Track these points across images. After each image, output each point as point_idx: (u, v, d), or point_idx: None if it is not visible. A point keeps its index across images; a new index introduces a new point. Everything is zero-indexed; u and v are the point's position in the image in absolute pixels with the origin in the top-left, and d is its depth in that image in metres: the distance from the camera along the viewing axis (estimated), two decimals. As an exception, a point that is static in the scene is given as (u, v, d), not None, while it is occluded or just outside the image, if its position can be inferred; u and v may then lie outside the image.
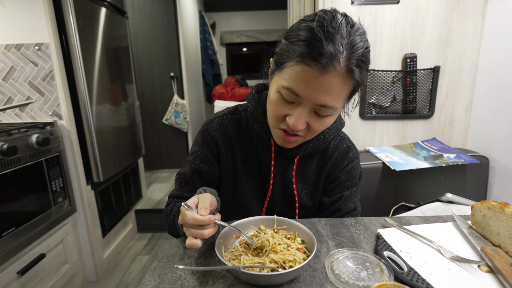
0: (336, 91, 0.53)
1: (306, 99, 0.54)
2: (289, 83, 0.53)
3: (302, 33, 0.52)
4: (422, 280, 0.47)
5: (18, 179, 1.20)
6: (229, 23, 4.60)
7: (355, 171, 0.75)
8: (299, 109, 0.55)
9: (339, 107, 0.57)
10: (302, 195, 0.75)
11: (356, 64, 0.52)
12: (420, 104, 1.41)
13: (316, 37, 0.50)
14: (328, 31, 0.50)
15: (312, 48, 0.50)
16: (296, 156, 0.72)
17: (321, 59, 0.49)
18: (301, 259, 0.51)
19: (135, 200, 2.21)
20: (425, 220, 0.68)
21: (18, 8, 1.34)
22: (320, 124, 0.58)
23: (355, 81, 0.54)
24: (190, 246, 0.49)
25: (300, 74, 0.51)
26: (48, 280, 1.36)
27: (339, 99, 0.55)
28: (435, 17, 1.33)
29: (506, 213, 0.54)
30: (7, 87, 1.42)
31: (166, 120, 3.11)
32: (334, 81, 0.51)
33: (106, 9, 1.74)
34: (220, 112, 0.77)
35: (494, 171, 1.29)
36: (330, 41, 0.49)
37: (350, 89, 0.55)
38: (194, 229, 0.50)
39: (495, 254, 0.50)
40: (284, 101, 0.56)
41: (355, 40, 0.51)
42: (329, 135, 0.70)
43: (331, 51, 0.49)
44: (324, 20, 0.51)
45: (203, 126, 0.76)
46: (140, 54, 3.04)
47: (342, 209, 0.73)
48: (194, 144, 0.77)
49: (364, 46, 0.53)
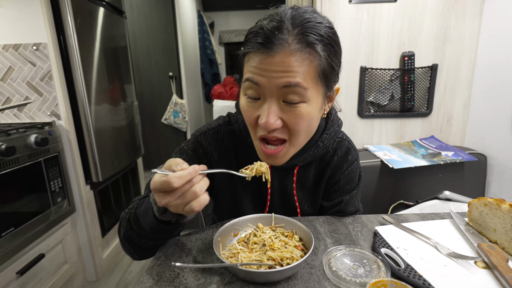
0: (294, 68, 0.49)
1: (266, 86, 0.51)
2: (247, 75, 0.53)
3: (252, 30, 0.54)
4: (419, 276, 0.47)
5: (17, 179, 1.20)
6: (228, 22, 4.60)
7: (355, 173, 0.72)
8: (266, 104, 0.53)
9: (311, 90, 0.52)
10: (303, 203, 0.72)
11: (310, 37, 0.50)
12: (418, 102, 1.41)
13: (260, 26, 0.52)
14: (271, 16, 0.52)
15: (258, 36, 0.51)
16: (295, 167, 0.68)
17: (267, 41, 0.49)
18: (299, 256, 0.51)
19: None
20: (422, 217, 0.68)
21: (16, 8, 1.34)
22: (295, 116, 0.53)
23: (317, 57, 0.51)
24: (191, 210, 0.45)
25: (254, 62, 0.51)
26: (47, 280, 1.36)
27: (302, 77, 0.50)
28: (433, 15, 1.33)
29: (502, 209, 0.55)
30: (5, 88, 1.42)
31: (165, 119, 3.11)
32: (287, 58, 0.49)
33: (104, 9, 1.74)
34: (214, 122, 0.71)
35: (492, 168, 1.29)
36: (273, 24, 0.50)
37: (315, 67, 0.51)
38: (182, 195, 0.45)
39: (492, 250, 0.51)
40: (251, 100, 0.54)
41: (302, 16, 0.51)
42: (327, 141, 0.66)
43: (274, 31, 0.50)
44: (268, 14, 0.53)
45: (194, 137, 0.69)
46: (138, 54, 3.04)
47: (343, 213, 0.71)
48: (181, 153, 0.68)
49: (316, 21, 0.52)
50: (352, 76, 1.41)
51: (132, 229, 0.56)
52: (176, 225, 0.55)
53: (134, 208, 0.56)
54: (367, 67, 1.39)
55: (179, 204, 0.46)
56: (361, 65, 1.39)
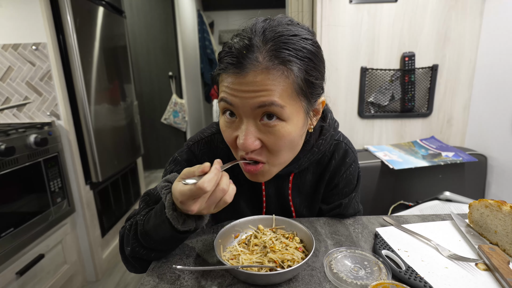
0: (267, 86, 0.47)
1: (241, 107, 0.49)
2: (221, 95, 0.51)
3: (224, 49, 0.52)
4: (420, 278, 0.47)
5: (16, 179, 1.19)
6: (228, 22, 4.59)
7: (353, 175, 0.71)
8: (244, 124, 0.50)
9: (289, 108, 0.49)
10: (301, 209, 0.71)
11: (281, 53, 0.47)
12: (419, 102, 1.41)
13: (230, 45, 0.50)
14: (240, 34, 0.50)
15: (229, 56, 0.49)
16: (290, 174, 0.67)
17: (237, 61, 0.47)
18: (300, 258, 0.51)
19: (134, 200, 2.21)
20: (423, 219, 0.68)
21: (15, 7, 1.34)
22: (274, 137, 0.50)
23: (293, 73, 0.48)
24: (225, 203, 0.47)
25: (227, 83, 0.49)
26: (47, 280, 1.36)
27: (277, 94, 0.47)
28: (433, 15, 1.33)
29: (503, 211, 0.54)
30: (4, 87, 1.41)
31: (164, 119, 3.11)
32: (260, 76, 0.46)
33: (103, 8, 1.73)
34: (207, 131, 0.69)
35: (492, 169, 1.29)
36: (241, 41, 0.48)
37: (291, 84, 0.48)
38: (212, 195, 0.46)
39: (492, 252, 0.51)
40: (228, 120, 0.52)
41: (274, 30, 0.48)
42: (323, 146, 0.64)
43: (242, 50, 0.47)
44: (240, 30, 0.51)
45: (187, 147, 0.68)
46: (138, 53, 3.03)
47: (343, 216, 0.71)
48: (174, 163, 0.67)
49: (289, 34, 0.48)
50: (353, 76, 1.41)
51: (140, 245, 0.55)
52: (194, 230, 0.55)
53: (141, 225, 0.55)
54: (367, 68, 1.39)
55: (211, 205, 0.47)
56: (362, 65, 1.39)
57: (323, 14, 1.33)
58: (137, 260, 0.58)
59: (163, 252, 0.56)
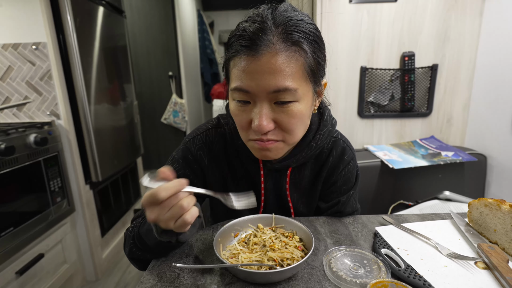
0: (282, 70, 0.49)
1: (256, 91, 0.50)
2: (235, 83, 0.52)
3: (234, 33, 0.53)
4: (419, 277, 0.47)
5: (16, 179, 1.19)
6: (228, 21, 4.58)
7: (351, 173, 0.71)
8: (257, 107, 0.52)
9: (301, 89, 0.51)
10: (298, 205, 0.72)
11: (295, 36, 0.50)
12: (418, 102, 1.41)
13: (242, 28, 0.51)
14: (251, 18, 0.51)
15: (241, 39, 0.50)
16: (288, 168, 0.67)
17: (251, 43, 0.49)
18: (299, 257, 0.51)
19: (134, 199, 2.21)
20: (422, 218, 0.68)
21: (15, 7, 1.34)
22: (288, 116, 0.52)
23: (303, 54, 0.51)
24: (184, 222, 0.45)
25: (240, 68, 0.50)
26: (47, 280, 1.36)
27: (292, 79, 0.50)
28: (433, 15, 1.33)
29: (502, 210, 0.55)
30: (4, 87, 1.41)
31: (164, 119, 3.11)
32: (274, 60, 0.48)
33: (103, 8, 1.73)
34: (203, 127, 0.71)
35: (492, 169, 1.29)
36: (256, 26, 0.50)
37: (302, 65, 0.51)
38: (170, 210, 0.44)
39: (492, 251, 0.51)
40: (241, 105, 0.53)
41: (283, 15, 0.51)
42: (321, 141, 0.65)
43: (257, 32, 0.49)
44: (249, 15, 0.53)
45: (183, 144, 0.69)
46: (138, 53, 3.03)
47: (341, 213, 0.71)
48: (172, 162, 0.69)
49: (297, 19, 0.51)
50: (352, 76, 1.41)
51: (136, 246, 0.57)
52: (177, 243, 0.54)
53: (137, 227, 0.56)
54: (367, 67, 1.39)
55: (168, 219, 0.45)
56: (361, 65, 1.39)
57: (323, 14, 1.33)
58: (135, 260, 0.60)
59: (158, 255, 0.56)
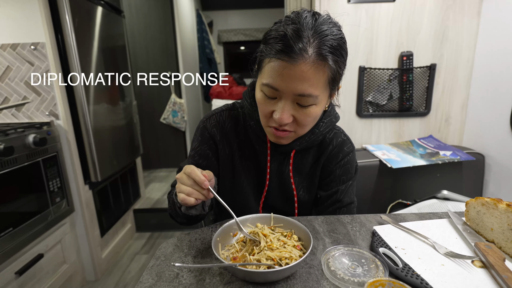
0: (310, 79, 0.55)
1: (284, 91, 0.57)
2: (267, 80, 0.58)
3: (273, 33, 0.57)
4: (416, 275, 0.47)
5: (15, 179, 1.19)
6: (227, 21, 4.58)
7: (351, 165, 0.76)
8: (281, 103, 0.59)
9: (321, 95, 0.58)
10: (300, 189, 0.76)
11: (326, 50, 0.55)
12: (417, 101, 1.42)
13: (283, 33, 0.55)
14: (294, 25, 0.55)
15: (281, 43, 0.55)
16: (292, 151, 0.73)
17: (289, 50, 0.53)
18: (297, 256, 0.51)
19: (133, 199, 2.21)
20: (420, 217, 0.69)
21: (14, 7, 1.33)
22: (305, 115, 0.60)
23: (329, 67, 0.56)
24: (183, 200, 0.54)
25: (275, 68, 0.56)
26: (46, 280, 1.36)
27: (316, 87, 0.56)
28: (431, 15, 1.33)
29: (499, 209, 0.55)
30: (3, 87, 1.41)
31: (164, 119, 3.11)
32: (306, 69, 0.54)
33: (102, 8, 1.73)
34: (218, 108, 0.79)
35: (489, 168, 1.30)
36: (295, 33, 0.54)
37: (326, 76, 0.57)
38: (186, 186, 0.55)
39: (489, 249, 0.51)
40: (267, 98, 0.60)
41: (321, 29, 0.55)
42: (323, 128, 0.71)
43: (297, 42, 0.53)
44: (290, 18, 0.57)
45: (201, 123, 0.78)
46: (137, 53, 3.03)
47: (340, 203, 0.75)
48: (193, 140, 0.79)
49: (332, 34, 0.56)
50: (351, 76, 1.41)
51: (172, 209, 0.69)
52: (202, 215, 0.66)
53: (174, 194, 0.65)
54: (365, 67, 1.39)
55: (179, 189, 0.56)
56: (360, 64, 1.39)
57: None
58: (173, 219, 0.72)
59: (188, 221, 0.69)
